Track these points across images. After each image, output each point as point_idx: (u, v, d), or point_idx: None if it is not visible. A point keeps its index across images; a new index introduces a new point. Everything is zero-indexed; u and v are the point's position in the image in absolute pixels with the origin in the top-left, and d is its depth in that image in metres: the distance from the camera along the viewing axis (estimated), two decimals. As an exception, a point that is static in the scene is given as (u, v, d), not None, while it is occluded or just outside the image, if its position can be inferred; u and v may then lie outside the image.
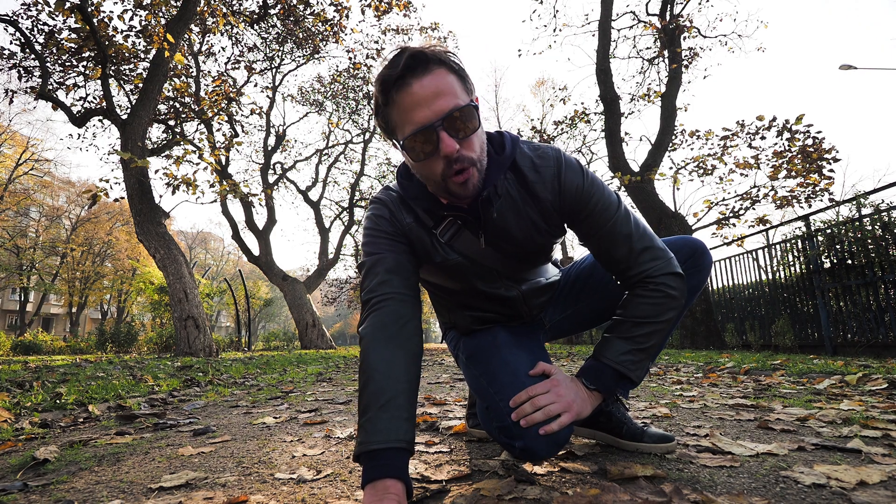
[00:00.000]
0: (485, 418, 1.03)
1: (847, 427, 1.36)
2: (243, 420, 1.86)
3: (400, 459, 0.79)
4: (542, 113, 24.13)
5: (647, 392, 2.33)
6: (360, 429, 0.82)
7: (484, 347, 1.13)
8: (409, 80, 0.84)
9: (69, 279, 29.04)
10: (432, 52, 0.86)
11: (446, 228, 1.02)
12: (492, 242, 1.04)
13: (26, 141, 26.77)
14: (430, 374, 3.82)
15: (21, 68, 9.24)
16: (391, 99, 0.87)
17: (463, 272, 1.07)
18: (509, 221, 1.01)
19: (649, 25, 9.50)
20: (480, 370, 1.08)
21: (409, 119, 0.86)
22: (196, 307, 7.16)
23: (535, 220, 1.02)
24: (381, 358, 0.88)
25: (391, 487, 0.75)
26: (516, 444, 0.92)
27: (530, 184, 0.99)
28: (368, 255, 1.01)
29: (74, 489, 1.01)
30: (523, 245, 1.05)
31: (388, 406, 0.82)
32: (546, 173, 0.99)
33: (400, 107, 0.86)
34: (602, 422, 1.22)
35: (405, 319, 0.93)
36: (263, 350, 16.85)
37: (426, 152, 0.87)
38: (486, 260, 1.06)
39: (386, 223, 1.02)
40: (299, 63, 14.98)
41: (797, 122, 7.82)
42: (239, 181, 12.81)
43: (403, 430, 0.81)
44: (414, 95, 0.84)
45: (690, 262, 1.12)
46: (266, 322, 49.84)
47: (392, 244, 1.01)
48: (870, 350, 4.56)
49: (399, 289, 0.96)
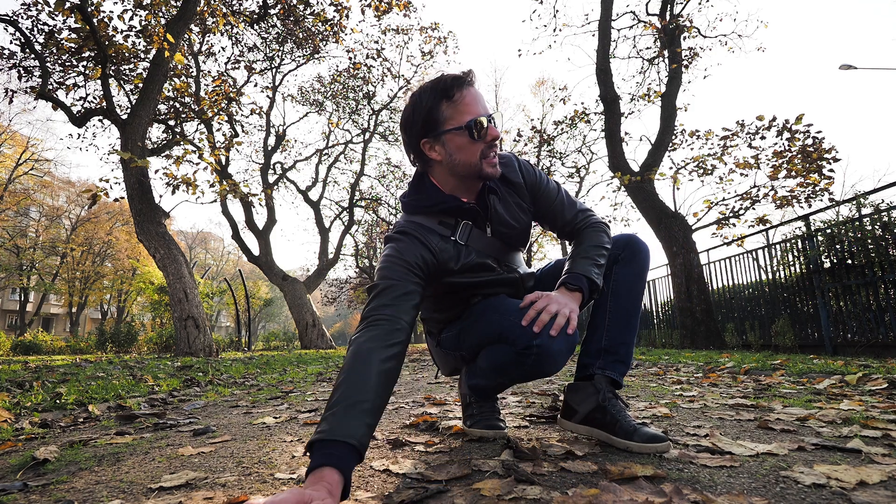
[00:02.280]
0: (495, 353, 1.21)
1: (847, 427, 1.36)
2: (243, 420, 1.86)
3: (347, 454, 0.79)
4: (542, 113, 24.12)
5: (647, 392, 2.33)
6: (322, 421, 0.84)
7: (488, 305, 1.29)
8: (471, 85, 1.16)
9: (69, 279, 29.04)
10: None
11: (462, 231, 1.25)
12: (495, 231, 1.29)
13: (26, 141, 26.77)
14: (430, 374, 3.82)
15: (21, 68, 9.23)
16: (456, 95, 1.14)
17: (478, 267, 1.27)
18: (502, 208, 1.30)
19: (649, 25, 9.50)
20: (490, 316, 1.25)
21: (470, 111, 1.14)
22: (196, 307, 7.16)
23: (517, 202, 1.32)
24: (358, 367, 0.93)
25: (327, 476, 0.75)
26: (534, 342, 1.07)
27: (505, 174, 1.30)
28: (382, 279, 1.12)
29: (74, 489, 1.01)
30: (516, 226, 1.32)
31: (354, 407, 0.86)
32: (511, 163, 1.32)
33: (463, 101, 1.14)
34: (598, 418, 1.25)
35: (394, 341, 1.00)
36: (263, 350, 16.85)
37: (480, 134, 1.14)
38: (492, 250, 1.29)
39: (412, 254, 1.16)
40: (299, 63, 14.99)
41: (797, 122, 7.82)
42: (239, 181, 12.82)
43: (361, 432, 0.83)
44: (474, 96, 1.16)
45: (627, 251, 1.31)
46: (266, 322, 49.86)
47: (408, 274, 1.13)
48: (870, 350, 4.56)
49: (399, 315, 1.05)
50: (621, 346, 1.30)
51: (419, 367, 4.71)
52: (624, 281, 1.30)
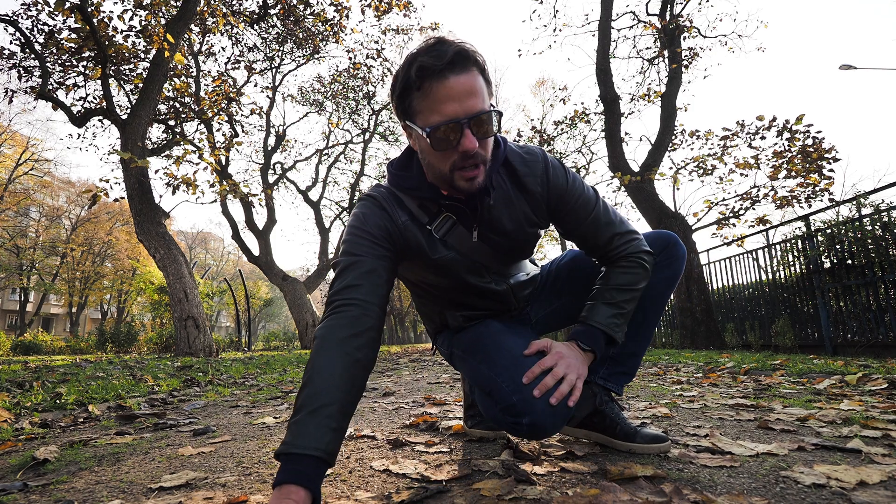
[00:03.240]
0: (486, 405, 1.04)
1: (847, 427, 1.36)
2: (243, 420, 1.86)
3: (313, 468, 0.77)
4: (542, 113, 24.14)
5: (647, 392, 2.33)
6: (288, 429, 0.81)
7: (479, 337, 1.15)
8: (447, 73, 0.87)
9: (69, 279, 29.05)
10: (473, 52, 0.90)
11: (441, 224, 1.05)
12: (484, 236, 1.08)
13: (26, 141, 26.78)
14: (430, 374, 3.82)
15: (21, 68, 9.23)
16: (425, 86, 0.89)
17: (455, 268, 1.09)
18: (502, 213, 1.07)
19: (649, 25, 9.50)
20: (479, 358, 1.10)
21: (439, 109, 0.89)
22: (196, 307, 7.16)
23: (525, 211, 1.09)
24: (324, 362, 0.86)
25: (293, 494, 0.73)
26: (523, 420, 0.93)
27: (521, 177, 1.07)
28: (345, 255, 0.99)
29: (74, 489, 1.01)
30: (514, 237, 1.11)
31: (318, 413, 0.81)
32: (536, 168, 1.07)
33: (432, 96, 0.89)
34: (596, 422, 1.22)
35: (362, 328, 0.91)
36: (263, 350, 16.85)
37: (447, 143, 0.91)
38: (477, 255, 1.10)
39: (374, 224, 1.01)
40: (299, 63, 14.97)
41: (797, 122, 7.82)
42: (239, 181, 12.82)
43: (327, 439, 0.79)
44: (450, 89, 0.88)
45: (664, 255, 1.18)
46: (266, 322, 49.86)
47: (373, 247, 0.99)
48: (870, 350, 4.56)
49: (365, 296, 0.94)
50: (630, 358, 1.22)
51: (419, 368, 4.70)
52: (654, 286, 1.17)
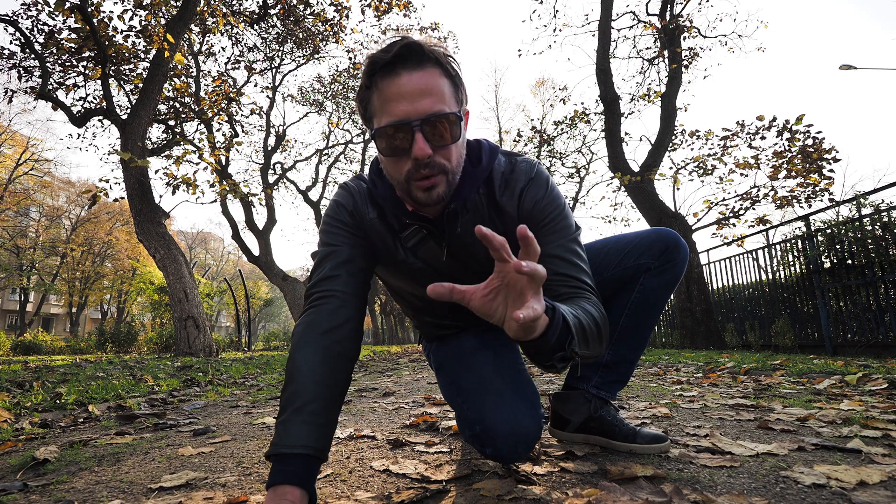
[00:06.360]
0: (459, 425, 1.06)
1: (847, 427, 1.36)
2: (243, 420, 1.86)
3: (306, 466, 0.77)
4: (542, 113, 24.16)
5: (647, 392, 2.33)
6: (275, 430, 0.81)
7: (450, 356, 1.12)
8: (398, 69, 0.80)
9: (69, 279, 29.05)
10: (430, 48, 0.81)
11: (411, 235, 0.98)
12: (454, 255, 1.00)
13: (26, 141, 26.78)
14: (430, 374, 3.82)
15: (21, 68, 9.23)
16: (375, 83, 0.83)
17: (425, 278, 1.03)
18: (474, 238, 0.96)
19: (649, 25, 9.50)
20: (449, 378, 1.10)
21: (387, 109, 0.81)
22: (196, 307, 7.16)
23: (498, 230, 0.97)
24: (304, 358, 0.85)
25: (289, 494, 0.73)
26: (486, 450, 0.96)
27: (498, 199, 0.97)
28: (323, 245, 0.97)
29: (74, 489, 1.01)
30: (486, 262, 1.01)
31: (303, 410, 0.80)
32: (515, 189, 0.96)
33: (382, 94, 0.82)
34: (594, 427, 1.22)
35: (341, 320, 0.89)
36: (263, 350, 16.84)
37: (397, 149, 0.82)
38: (447, 269, 1.02)
39: (346, 214, 0.99)
40: (299, 63, 14.98)
41: (797, 122, 7.82)
42: (239, 181, 12.82)
43: (315, 436, 0.79)
44: (400, 86, 0.80)
45: (664, 258, 1.11)
46: (266, 322, 49.88)
47: (349, 237, 0.97)
48: (870, 350, 4.56)
49: (343, 287, 0.92)
50: (623, 365, 1.19)
51: (419, 368, 4.70)
52: (651, 292, 1.11)
